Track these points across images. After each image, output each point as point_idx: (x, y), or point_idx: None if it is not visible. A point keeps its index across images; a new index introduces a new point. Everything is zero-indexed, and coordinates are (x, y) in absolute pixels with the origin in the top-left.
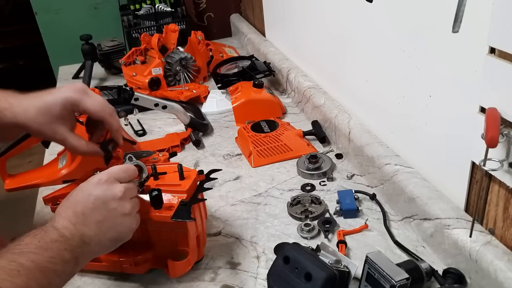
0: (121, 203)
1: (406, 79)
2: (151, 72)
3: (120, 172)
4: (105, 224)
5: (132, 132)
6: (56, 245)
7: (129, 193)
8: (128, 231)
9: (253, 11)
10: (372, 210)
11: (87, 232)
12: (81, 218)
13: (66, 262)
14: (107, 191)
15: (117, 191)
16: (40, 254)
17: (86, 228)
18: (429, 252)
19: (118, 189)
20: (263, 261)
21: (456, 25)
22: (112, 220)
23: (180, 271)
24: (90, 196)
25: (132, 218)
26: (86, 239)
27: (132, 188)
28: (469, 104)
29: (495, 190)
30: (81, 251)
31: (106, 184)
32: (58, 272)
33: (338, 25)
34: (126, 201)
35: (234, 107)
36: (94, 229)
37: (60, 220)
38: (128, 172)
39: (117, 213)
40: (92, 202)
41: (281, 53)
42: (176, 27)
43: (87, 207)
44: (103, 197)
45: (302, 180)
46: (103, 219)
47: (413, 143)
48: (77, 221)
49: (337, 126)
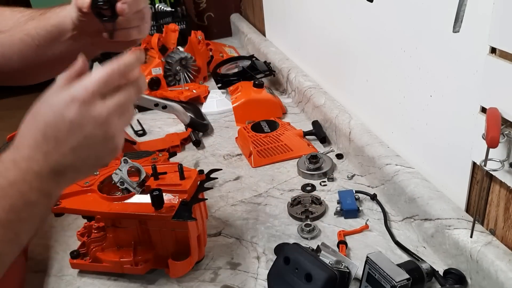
0: (103, 127)
1: (407, 79)
2: (151, 72)
3: (101, 86)
4: (83, 151)
5: (132, 132)
6: (16, 189)
7: (116, 113)
8: (110, 156)
9: (253, 10)
10: (373, 211)
11: (61, 160)
12: (52, 144)
13: (34, 204)
14: (85, 115)
15: (97, 115)
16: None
17: (60, 156)
18: (429, 252)
19: (99, 112)
20: (263, 261)
21: (456, 25)
22: (92, 146)
23: (181, 271)
24: (63, 118)
25: (117, 139)
26: (60, 169)
27: (122, 103)
28: (470, 104)
29: (496, 191)
30: (54, 184)
31: (83, 105)
32: (25, 219)
33: (339, 25)
34: (111, 124)
35: (234, 107)
36: (70, 157)
37: (24, 149)
38: (111, 81)
39: (98, 139)
40: (66, 126)
41: (281, 53)
42: (176, 27)
43: (60, 131)
44: (80, 121)
45: (303, 180)
46: (80, 145)
47: (414, 143)
48: (48, 149)
49: (338, 126)
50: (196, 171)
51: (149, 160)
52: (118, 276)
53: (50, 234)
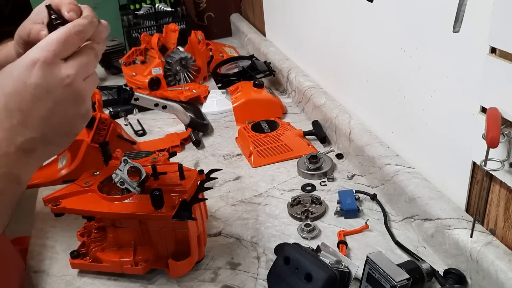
0: (72, 89)
1: (407, 79)
2: (151, 72)
3: (60, 45)
4: (53, 120)
5: (132, 132)
6: None
7: (82, 73)
8: (83, 121)
9: (253, 10)
10: (373, 211)
11: (30, 134)
12: (17, 118)
13: None
14: (50, 77)
15: (63, 75)
16: None
17: (28, 130)
18: (429, 252)
19: (64, 72)
20: (263, 261)
21: (456, 25)
22: (62, 112)
23: (181, 271)
24: (25, 85)
25: (87, 104)
26: (29, 146)
27: (84, 64)
28: (470, 104)
29: (496, 190)
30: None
31: (46, 66)
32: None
33: (339, 24)
34: (79, 85)
35: (234, 107)
36: (39, 129)
37: None
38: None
39: (68, 103)
40: (30, 93)
41: (281, 53)
42: (176, 27)
43: (24, 100)
44: (46, 84)
45: (303, 180)
46: (50, 113)
47: (414, 143)
48: (12, 124)
49: (338, 126)
50: (196, 171)
51: (149, 160)
52: (118, 276)
53: (50, 234)
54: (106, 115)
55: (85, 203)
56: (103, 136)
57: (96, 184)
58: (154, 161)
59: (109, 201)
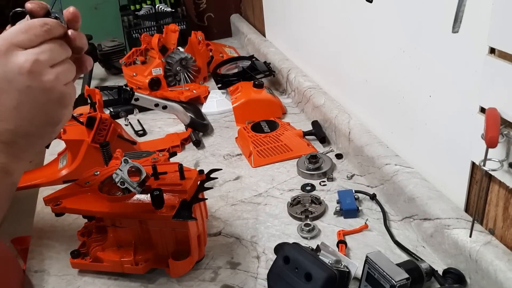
0: (34, 77)
1: (406, 79)
2: (151, 72)
3: (19, 34)
4: (24, 110)
5: (132, 132)
6: None
7: (45, 60)
8: (60, 108)
9: (253, 11)
10: (372, 210)
11: (4, 126)
12: None
13: None
14: (6, 66)
15: (21, 62)
16: None
17: (2, 123)
18: (429, 252)
19: (22, 59)
20: (263, 261)
21: (456, 25)
22: (33, 102)
23: (181, 271)
24: None
25: (62, 91)
26: (6, 138)
27: (48, 50)
28: (469, 104)
29: (495, 190)
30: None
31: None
32: None
33: (338, 25)
34: (43, 71)
35: (234, 107)
36: (12, 120)
37: None
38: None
39: (35, 92)
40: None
41: (281, 53)
42: (176, 27)
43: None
44: (4, 74)
45: (302, 180)
46: (17, 103)
47: (413, 143)
48: None
49: (337, 126)
50: (196, 171)
51: (149, 160)
52: (119, 276)
53: (51, 234)
54: (106, 115)
55: (86, 203)
56: (104, 136)
57: (96, 184)
58: (154, 161)
59: (109, 201)
